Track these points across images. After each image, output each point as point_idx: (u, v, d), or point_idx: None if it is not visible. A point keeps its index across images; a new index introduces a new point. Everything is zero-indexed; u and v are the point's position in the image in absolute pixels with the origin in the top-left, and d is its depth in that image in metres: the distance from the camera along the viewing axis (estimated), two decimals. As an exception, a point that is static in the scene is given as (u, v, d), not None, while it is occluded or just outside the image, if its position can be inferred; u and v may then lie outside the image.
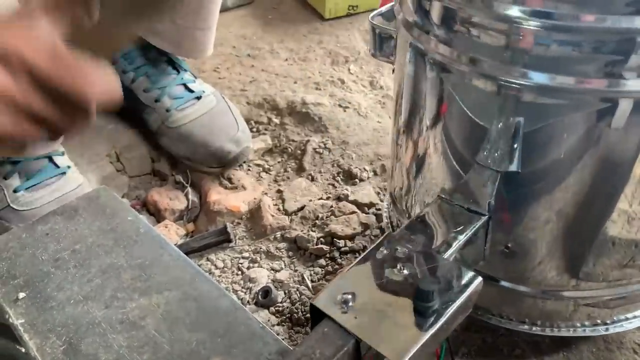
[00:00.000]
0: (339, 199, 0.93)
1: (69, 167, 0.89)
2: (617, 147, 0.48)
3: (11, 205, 0.83)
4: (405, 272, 0.46)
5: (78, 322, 0.50)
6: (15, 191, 0.84)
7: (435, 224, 0.54)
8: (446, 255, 0.49)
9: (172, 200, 0.94)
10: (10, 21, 0.40)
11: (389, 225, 0.78)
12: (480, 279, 0.46)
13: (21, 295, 0.53)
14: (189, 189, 0.97)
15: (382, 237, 0.50)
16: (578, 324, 0.63)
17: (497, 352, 0.69)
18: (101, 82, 0.41)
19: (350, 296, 0.44)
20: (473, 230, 0.53)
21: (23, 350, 0.68)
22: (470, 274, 0.46)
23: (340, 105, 1.14)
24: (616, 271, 0.57)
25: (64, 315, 0.51)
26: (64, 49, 0.40)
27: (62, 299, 0.52)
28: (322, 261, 0.82)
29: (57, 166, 0.88)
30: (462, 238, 0.52)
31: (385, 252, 0.48)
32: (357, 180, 0.96)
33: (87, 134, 0.98)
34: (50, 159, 0.88)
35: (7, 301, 0.52)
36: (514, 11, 0.45)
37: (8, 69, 0.37)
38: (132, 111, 1.05)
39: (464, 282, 0.45)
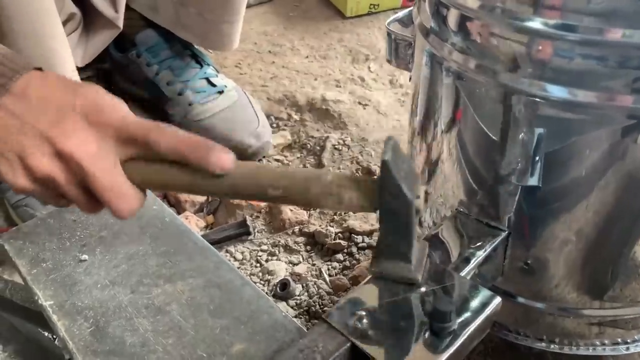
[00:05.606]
0: (357, 195, 0.93)
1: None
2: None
3: (36, 192, 0.85)
4: (422, 289, 0.45)
5: (105, 305, 0.51)
6: (40, 179, 0.86)
7: (453, 239, 0.53)
8: (464, 272, 0.48)
9: (193, 192, 0.95)
10: (91, 130, 0.43)
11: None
12: (499, 299, 0.44)
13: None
14: (209, 182, 0.98)
15: None
16: (598, 343, 0.60)
17: (515, 351, 0.69)
18: (132, 203, 0.45)
19: (364, 312, 0.43)
20: (492, 247, 0.51)
21: (46, 334, 0.70)
22: (489, 293, 0.45)
23: (359, 103, 1.15)
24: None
25: (91, 298, 0.52)
26: (118, 172, 0.44)
27: (89, 283, 0.53)
28: (340, 256, 0.83)
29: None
30: (481, 254, 0.51)
31: None
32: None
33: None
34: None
35: (37, 283, 0.53)
36: (536, 23, 0.43)
37: (65, 165, 0.43)
38: (154, 103, 1.06)
39: (482, 302, 0.44)
